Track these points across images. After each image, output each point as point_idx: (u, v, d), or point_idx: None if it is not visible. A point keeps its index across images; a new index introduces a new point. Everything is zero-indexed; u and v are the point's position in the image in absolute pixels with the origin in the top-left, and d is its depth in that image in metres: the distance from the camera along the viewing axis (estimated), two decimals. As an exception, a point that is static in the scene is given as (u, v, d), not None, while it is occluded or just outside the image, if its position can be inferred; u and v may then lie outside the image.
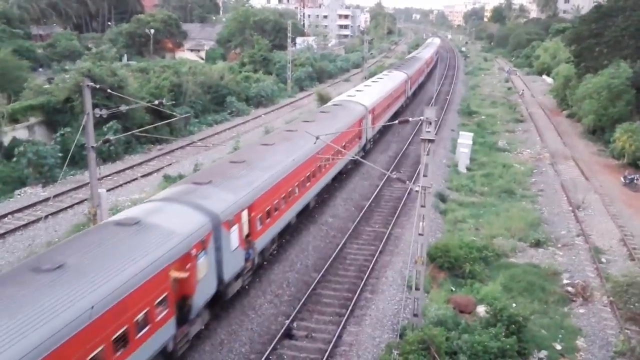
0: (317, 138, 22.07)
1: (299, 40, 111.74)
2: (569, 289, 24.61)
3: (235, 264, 19.84)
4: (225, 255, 18.69)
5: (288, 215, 25.15)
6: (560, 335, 21.31)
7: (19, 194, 33.63)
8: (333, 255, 26.06)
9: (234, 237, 19.42)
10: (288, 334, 20.13)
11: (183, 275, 16.09)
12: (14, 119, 40.30)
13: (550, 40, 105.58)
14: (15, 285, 12.65)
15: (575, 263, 27.19)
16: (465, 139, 44.20)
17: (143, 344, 14.57)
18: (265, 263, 24.33)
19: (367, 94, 43.95)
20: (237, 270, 20.18)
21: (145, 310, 14.46)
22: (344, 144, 32.75)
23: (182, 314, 16.69)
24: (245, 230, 20.63)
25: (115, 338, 13.30)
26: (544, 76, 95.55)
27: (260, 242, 22.19)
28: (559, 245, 29.44)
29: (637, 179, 39.53)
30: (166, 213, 17.42)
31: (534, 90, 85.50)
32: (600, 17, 58.99)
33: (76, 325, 12.10)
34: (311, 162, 27.53)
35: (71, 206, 31.65)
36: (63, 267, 13.40)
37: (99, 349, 12.75)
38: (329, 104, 41.61)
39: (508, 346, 18.50)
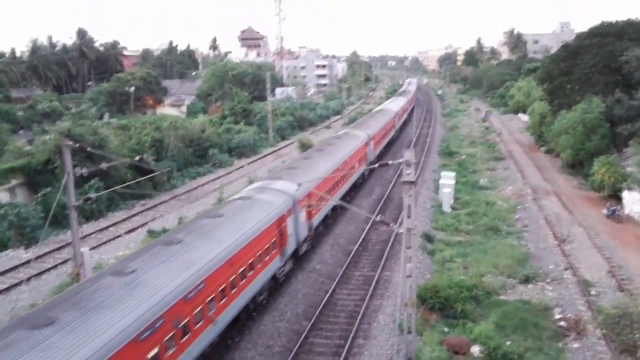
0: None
1: (278, 90, 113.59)
2: (562, 323, 24.45)
3: (303, 232, 28.76)
4: (299, 225, 27.81)
5: (335, 199, 33.52)
6: (556, 372, 21.03)
7: (0, 257, 32.95)
8: (323, 302, 25.74)
9: (303, 214, 28.39)
10: (281, 387, 19.62)
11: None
12: (-6, 181, 39.93)
13: (523, 80, 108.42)
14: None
15: (566, 297, 27.12)
16: (448, 179, 44.65)
17: (265, 267, 23.52)
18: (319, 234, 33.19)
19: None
20: (304, 237, 29.04)
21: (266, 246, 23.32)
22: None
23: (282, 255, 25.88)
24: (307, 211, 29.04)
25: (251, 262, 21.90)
26: (520, 114, 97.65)
27: (316, 220, 31.41)
28: (548, 280, 29.41)
29: (618, 211, 40.04)
30: (266, 193, 26.67)
31: (511, 128, 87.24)
32: (568, 55, 61.00)
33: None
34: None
35: (54, 267, 31.13)
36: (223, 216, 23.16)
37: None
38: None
39: (505, 385, 18.19)
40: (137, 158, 28.98)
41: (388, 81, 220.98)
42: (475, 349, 21.64)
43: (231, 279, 20.27)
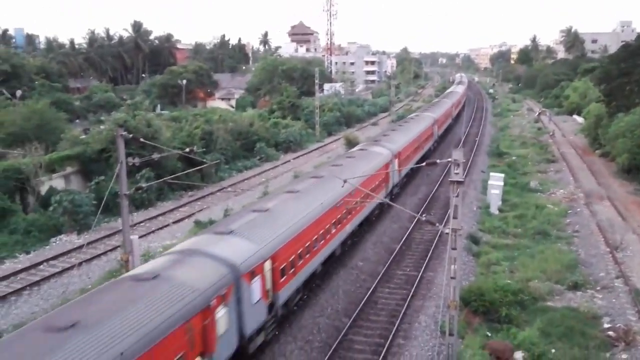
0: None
1: (326, 86, 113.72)
2: (610, 333, 23.61)
3: (396, 178, 29.50)
4: (394, 172, 28.37)
5: (415, 159, 37.00)
6: (603, 383, 20.37)
7: (54, 242, 34.39)
8: (364, 300, 25.70)
9: (396, 163, 27.67)
10: (319, 382, 19.68)
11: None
12: (51, 169, 41.60)
13: (579, 80, 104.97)
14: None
15: (616, 306, 26.18)
16: (496, 180, 43.70)
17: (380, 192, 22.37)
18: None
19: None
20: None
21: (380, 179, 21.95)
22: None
23: None
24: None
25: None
26: (575, 116, 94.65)
27: (404, 172, 34.53)
28: (598, 288, 28.44)
29: (677, 218, 38.33)
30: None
31: (564, 130, 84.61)
32: (628, 56, 58.76)
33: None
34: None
35: (104, 253, 32.19)
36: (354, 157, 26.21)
37: None
38: None
39: (548, 394, 17.75)
40: (187, 150, 29.55)
41: (438, 79, 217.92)
42: (519, 355, 21.18)
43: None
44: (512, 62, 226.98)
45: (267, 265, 19.92)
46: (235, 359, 18.06)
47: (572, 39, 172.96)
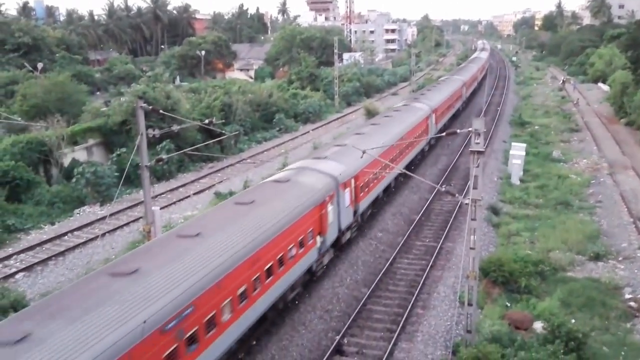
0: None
1: (345, 55, 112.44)
2: (632, 304, 23.43)
3: (434, 129, 33.32)
4: (432, 124, 32.65)
5: (449, 115, 41.98)
6: (622, 353, 20.21)
7: (78, 213, 35.02)
8: (383, 270, 25.82)
9: (433, 118, 31.20)
10: (338, 350, 19.97)
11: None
12: (73, 141, 42.12)
13: (605, 47, 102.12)
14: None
15: (638, 277, 25.89)
16: (518, 150, 43.10)
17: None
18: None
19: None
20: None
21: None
22: None
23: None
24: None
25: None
26: (600, 84, 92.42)
27: (440, 124, 37.00)
28: (620, 259, 28.14)
29: None
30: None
31: (589, 98, 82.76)
32: (657, 21, 56.80)
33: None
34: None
35: (127, 224, 32.69)
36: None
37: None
38: None
39: (567, 364, 17.76)
40: (206, 121, 29.61)
41: (460, 47, 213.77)
42: (538, 325, 21.16)
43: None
44: (536, 29, 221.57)
45: (352, 182, 26.46)
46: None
47: (599, 4, 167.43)
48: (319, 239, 22.71)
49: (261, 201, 20.44)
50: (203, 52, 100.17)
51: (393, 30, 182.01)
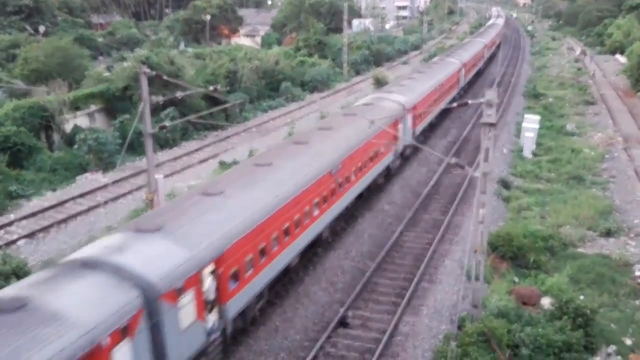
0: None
1: (355, 22, 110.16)
2: (643, 281, 22.90)
3: (463, 83, 41.64)
4: (462, 77, 40.91)
5: (471, 75, 60.21)
6: (630, 330, 19.87)
7: (80, 180, 34.50)
8: (389, 243, 25.30)
9: (463, 72, 39.70)
10: (342, 322, 19.65)
11: None
12: (75, 106, 41.40)
13: (624, 18, 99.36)
14: None
15: (650, 254, 25.29)
16: (531, 123, 42.01)
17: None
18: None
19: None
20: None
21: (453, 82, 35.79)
22: None
23: None
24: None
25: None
26: (617, 55, 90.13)
27: (466, 80, 48.77)
28: (632, 235, 27.49)
29: None
30: (449, 58, 37.14)
31: (605, 70, 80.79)
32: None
33: None
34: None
35: (130, 192, 32.20)
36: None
37: None
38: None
39: (574, 340, 17.45)
40: (211, 88, 28.87)
41: (474, 15, 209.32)
42: (546, 301, 20.73)
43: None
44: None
45: (412, 111, 34.32)
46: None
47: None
48: (393, 147, 30.90)
49: (361, 115, 27.72)
50: (208, 17, 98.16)
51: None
